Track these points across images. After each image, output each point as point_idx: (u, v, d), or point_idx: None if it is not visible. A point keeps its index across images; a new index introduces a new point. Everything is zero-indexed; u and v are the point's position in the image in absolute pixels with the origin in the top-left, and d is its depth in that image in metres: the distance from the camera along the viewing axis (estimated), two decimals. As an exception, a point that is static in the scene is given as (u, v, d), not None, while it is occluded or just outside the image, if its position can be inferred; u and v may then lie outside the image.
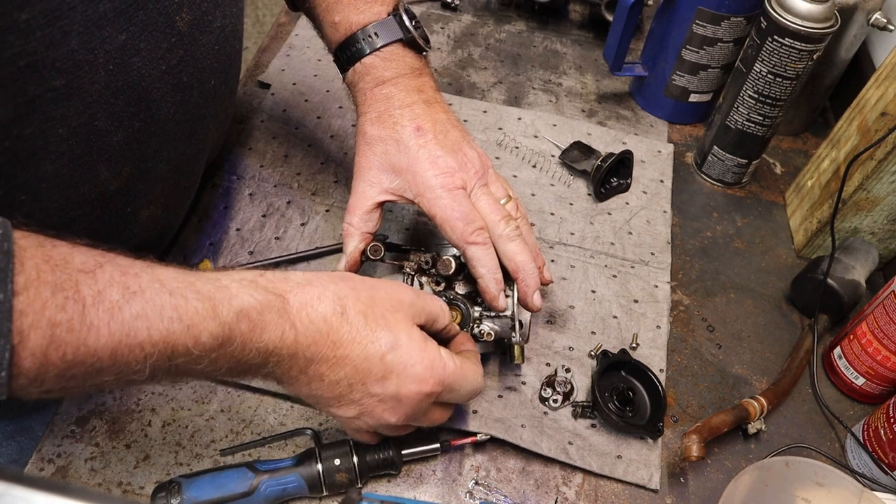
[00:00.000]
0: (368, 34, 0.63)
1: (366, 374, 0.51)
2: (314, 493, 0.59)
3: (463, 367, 0.55)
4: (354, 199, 0.65)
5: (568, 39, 1.10)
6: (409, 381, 0.52)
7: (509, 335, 0.65)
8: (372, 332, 0.51)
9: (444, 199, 0.61)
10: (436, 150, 0.62)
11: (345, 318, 0.50)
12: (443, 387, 0.53)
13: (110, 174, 0.53)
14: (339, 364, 0.50)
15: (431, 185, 0.61)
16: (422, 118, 0.63)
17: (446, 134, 0.64)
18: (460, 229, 0.60)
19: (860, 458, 0.67)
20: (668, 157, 0.92)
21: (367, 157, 0.64)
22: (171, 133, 0.57)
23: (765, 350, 0.76)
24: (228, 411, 0.65)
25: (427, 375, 0.52)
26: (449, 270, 0.63)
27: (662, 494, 0.65)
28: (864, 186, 0.75)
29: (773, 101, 0.81)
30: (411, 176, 0.62)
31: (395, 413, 0.53)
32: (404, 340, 0.52)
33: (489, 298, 0.62)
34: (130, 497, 0.60)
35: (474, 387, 0.57)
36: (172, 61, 0.54)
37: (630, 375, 0.70)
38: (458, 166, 0.62)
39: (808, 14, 0.74)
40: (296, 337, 0.48)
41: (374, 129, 0.64)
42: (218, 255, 0.76)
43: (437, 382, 0.53)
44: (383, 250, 0.65)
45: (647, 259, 0.81)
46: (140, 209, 0.60)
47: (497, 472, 0.64)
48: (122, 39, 0.49)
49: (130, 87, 0.51)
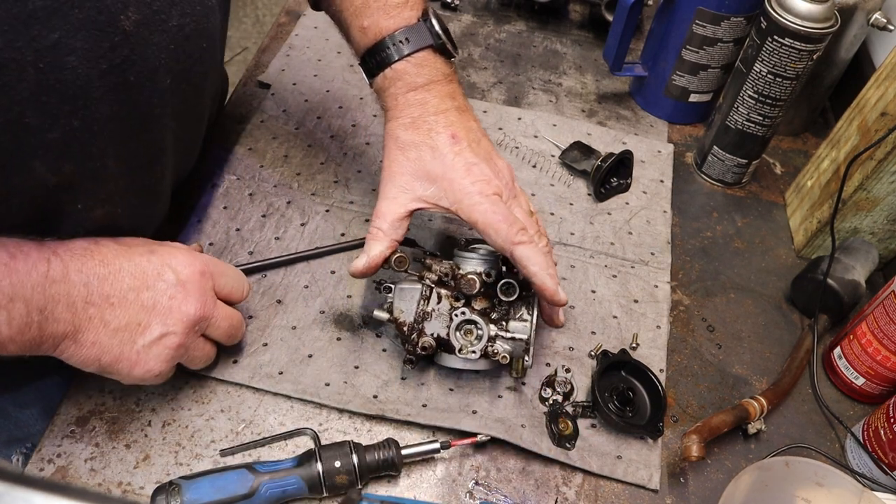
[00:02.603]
0: (399, 39, 0.63)
1: (142, 276, 0.57)
2: (314, 494, 0.59)
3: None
4: (386, 204, 0.64)
5: (568, 39, 1.10)
6: (179, 264, 0.59)
7: (522, 356, 0.65)
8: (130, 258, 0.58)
9: (484, 204, 0.61)
10: (471, 158, 0.63)
11: (99, 245, 0.57)
12: (209, 270, 0.60)
13: (48, 170, 0.53)
14: (116, 277, 0.56)
15: (469, 192, 0.62)
16: (456, 125, 0.63)
17: (479, 143, 0.64)
18: (505, 231, 0.60)
19: (860, 458, 0.67)
20: (668, 157, 0.92)
21: (399, 162, 0.64)
22: (118, 132, 0.56)
23: (765, 350, 0.76)
24: (228, 411, 0.65)
25: (192, 257, 0.60)
26: (473, 290, 0.63)
27: (662, 494, 0.65)
28: (864, 186, 0.75)
29: (773, 101, 0.81)
30: (448, 183, 0.62)
31: (187, 300, 0.58)
32: (160, 248, 0.60)
33: (549, 294, 0.62)
34: (130, 497, 0.60)
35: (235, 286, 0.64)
36: (115, 60, 0.52)
37: (630, 375, 0.70)
38: (493, 174, 0.63)
39: (808, 14, 0.74)
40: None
41: (407, 134, 0.64)
42: (218, 255, 0.75)
43: (203, 263, 0.60)
44: (408, 263, 0.65)
45: (647, 259, 0.81)
46: (93, 207, 0.59)
47: (497, 472, 0.64)
48: (54, 38, 0.48)
49: (65, 85, 0.50)
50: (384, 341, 0.71)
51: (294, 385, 0.67)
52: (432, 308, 0.64)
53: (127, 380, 0.58)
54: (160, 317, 0.57)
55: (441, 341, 0.64)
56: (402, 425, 0.66)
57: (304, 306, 0.73)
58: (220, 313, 0.61)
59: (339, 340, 0.71)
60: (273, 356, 0.68)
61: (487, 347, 0.63)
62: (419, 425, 0.66)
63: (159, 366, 0.58)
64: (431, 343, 0.63)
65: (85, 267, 0.54)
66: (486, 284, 0.63)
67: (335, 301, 0.73)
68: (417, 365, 0.67)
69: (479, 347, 0.62)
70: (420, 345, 0.63)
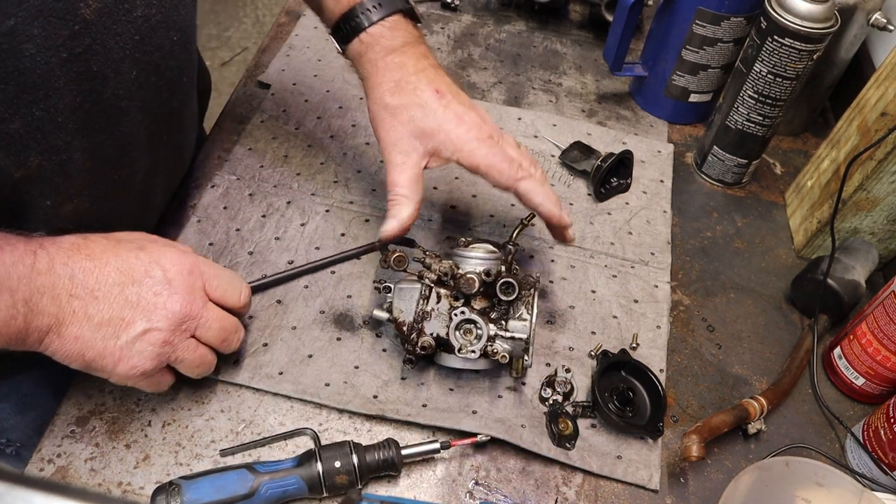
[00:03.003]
0: (371, 5, 0.65)
1: (128, 272, 0.56)
2: (314, 494, 0.59)
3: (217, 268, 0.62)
4: (397, 171, 0.65)
5: (568, 39, 1.10)
6: (168, 262, 0.58)
7: (521, 356, 0.65)
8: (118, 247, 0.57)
9: (483, 148, 0.64)
10: (459, 108, 0.65)
11: (88, 240, 0.56)
12: (199, 270, 0.59)
13: (12, 162, 0.52)
14: (102, 271, 0.55)
15: (466, 139, 0.64)
16: (437, 81, 0.65)
17: (460, 94, 0.67)
18: (506, 170, 0.64)
19: (860, 459, 0.67)
20: (668, 157, 0.92)
21: (395, 128, 0.65)
22: (83, 123, 0.56)
23: (765, 350, 0.76)
24: (228, 411, 0.65)
25: (182, 255, 0.59)
26: (472, 289, 0.63)
27: (662, 495, 0.65)
28: (864, 186, 0.75)
29: (773, 101, 0.81)
30: (444, 135, 0.64)
31: (173, 297, 0.57)
32: (150, 245, 0.59)
33: (556, 220, 0.66)
34: (130, 497, 0.60)
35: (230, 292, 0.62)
36: (76, 49, 0.52)
37: (630, 375, 0.70)
38: (482, 120, 0.66)
39: (808, 14, 0.74)
40: None
41: (394, 98, 0.65)
42: (218, 256, 0.76)
43: (193, 263, 0.59)
44: (407, 262, 0.65)
45: (647, 259, 0.81)
46: (62, 203, 0.59)
47: (497, 472, 0.64)
48: (9, 24, 0.47)
49: (23, 73, 0.50)
50: (384, 341, 0.71)
51: (294, 385, 0.67)
52: (432, 308, 0.64)
53: (114, 378, 0.57)
54: (144, 313, 0.56)
55: (440, 341, 0.64)
56: (402, 425, 0.66)
57: (304, 306, 0.73)
58: (211, 314, 0.60)
59: (339, 340, 0.71)
60: (273, 356, 0.68)
61: (487, 347, 0.63)
62: (419, 425, 0.66)
63: (144, 363, 0.56)
64: (431, 343, 0.63)
65: (71, 260, 0.54)
66: (486, 284, 0.63)
67: (335, 301, 0.73)
68: (417, 365, 0.67)
69: (479, 347, 0.62)
70: (420, 344, 0.63)
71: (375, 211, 0.81)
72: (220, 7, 2.90)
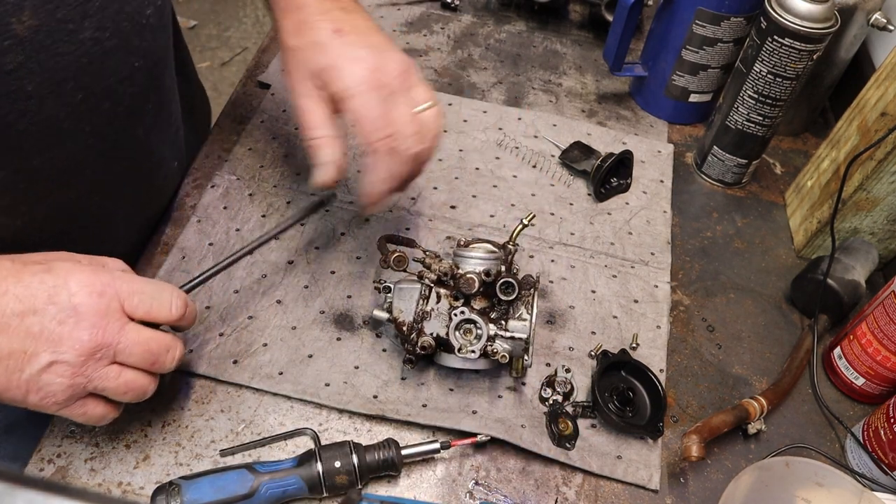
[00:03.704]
0: None
1: (29, 300, 0.50)
2: (314, 494, 0.59)
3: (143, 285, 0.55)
4: (305, 115, 0.61)
5: (568, 39, 1.10)
6: (77, 284, 0.51)
7: (521, 356, 0.65)
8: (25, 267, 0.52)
9: (361, 97, 0.58)
10: (357, 49, 0.60)
11: None
12: (113, 289, 0.53)
13: None
14: (0, 297, 0.49)
15: (355, 81, 0.59)
16: (340, 22, 0.61)
17: (368, 36, 0.62)
18: (368, 130, 0.58)
19: (860, 459, 0.67)
20: (668, 157, 0.92)
21: (297, 70, 0.61)
22: (17, 142, 0.53)
23: (765, 350, 0.76)
24: (228, 411, 0.65)
25: (92, 276, 0.52)
26: (472, 289, 0.63)
27: (662, 495, 0.65)
28: (864, 186, 0.75)
29: (773, 101, 0.81)
30: (335, 73, 0.59)
31: (80, 325, 0.51)
32: (59, 266, 0.53)
33: (362, 201, 0.62)
34: (130, 497, 0.60)
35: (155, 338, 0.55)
36: (7, 66, 0.50)
37: (630, 375, 0.70)
38: (380, 65, 0.60)
39: (808, 14, 0.74)
40: None
41: (293, 39, 0.62)
42: (218, 256, 0.75)
43: (105, 283, 0.52)
44: (407, 262, 0.65)
45: (647, 259, 0.81)
46: (24, 222, 0.57)
47: (497, 472, 0.64)
48: None
49: None
50: (384, 341, 0.71)
51: (294, 385, 0.67)
52: (431, 307, 0.64)
53: (32, 407, 0.52)
54: (48, 344, 0.50)
55: (440, 341, 0.64)
56: (402, 425, 0.66)
57: (304, 306, 0.73)
58: (130, 338, 0.53)
59: (339, 340, 0.71)
60: (273, 356, 0.68)
61: (487, 347, 0.63)
62: (419, 425, 0.66)
63: (55, 395, 0.51)
64: (431, 342, 0.63)
65: None
66: (486, 284, 0.63)
67: (335, 301, 0.73)
68: (417, 365, 0.67)
69: (479, 347, 0.62)
70: (419, 344, 0.63)
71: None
72: (220, 7, 2.90)
